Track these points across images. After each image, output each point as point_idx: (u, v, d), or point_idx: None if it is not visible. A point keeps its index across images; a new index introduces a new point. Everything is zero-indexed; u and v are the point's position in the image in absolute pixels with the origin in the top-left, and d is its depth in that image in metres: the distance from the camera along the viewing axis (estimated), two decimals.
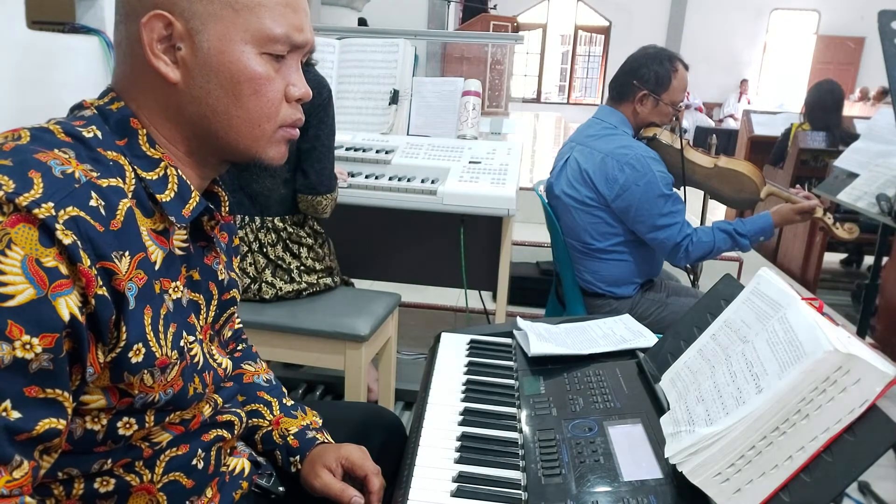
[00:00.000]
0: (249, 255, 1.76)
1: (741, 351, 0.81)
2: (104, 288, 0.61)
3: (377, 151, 2.17)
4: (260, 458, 0.95)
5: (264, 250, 1.77)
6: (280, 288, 1.78)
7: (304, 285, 1.81)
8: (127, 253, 0.64)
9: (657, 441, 0.83)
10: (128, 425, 0.69)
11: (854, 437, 0.66)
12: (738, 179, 2.03)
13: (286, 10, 0.72)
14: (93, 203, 0.61)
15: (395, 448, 1.00)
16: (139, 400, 0.68)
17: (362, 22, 6.45)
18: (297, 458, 0.94)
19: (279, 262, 1.78)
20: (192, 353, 0.74)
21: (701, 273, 2.35)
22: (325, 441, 0.96)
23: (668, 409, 0.87)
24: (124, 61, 0.72)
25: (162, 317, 0.69)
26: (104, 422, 0.67)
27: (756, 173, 2.02)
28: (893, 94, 1.84)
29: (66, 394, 0.60)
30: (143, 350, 0.66)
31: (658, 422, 0.86)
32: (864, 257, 4.69)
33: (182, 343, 0.71)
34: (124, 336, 0.64)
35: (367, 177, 2.09)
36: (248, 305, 1.76)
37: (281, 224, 1.78)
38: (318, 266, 1.85)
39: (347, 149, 2.17)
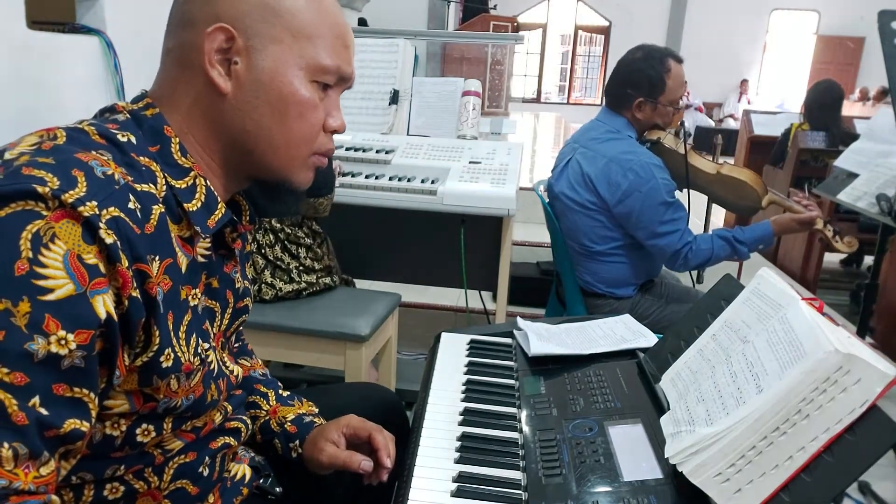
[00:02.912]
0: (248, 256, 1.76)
1: (741, 351, 0.81)
2: (138, 290, 0.62)
3: (377, 151, 2.17)
4: (258, 458, 0.95)
5: (263, 251, 1.77)
6: (280, 288, 1.78)
7: (303, 285, 1.81)
8: (158, 257, 0.65)
9: (657, 441, 0.83)
10: (146, 432, 0.69)
11: (854, 437, 0.66)
12: (740, 187, 2.03)
13: (339, 44, 0.76)
14: (131, 205, 0.62)
15: (394, 425, 0.99)
16: (162, 405, 0.69)
17: (362, 22, 6.45)
18: (297, 442, 0.94)
19: (278, 262, 1.78)
20: (209, 360, 0.75)
21: (704, 274, 2.35)
22: (323, 423, 0.97)
23: (669, 409, 0.87)
24: (173, 67, 0.74)
25: (186, 323, 0.70)
26: (123, 428, 0.68)
27: (758, 182, 2.02)
28: (893, 94, 1.84)
29: (92, 394, 0.60)
30: (172, 355, 0.67)
31: (658, 422, 0.86)
32: (864, 257, 4.69)
33: (199, 350, 0.72)
34: (157, 340, 0.65)
35: (367, 177, 2.09)
36: None
37: (278, 225, 1.78)
38: (317, 266, 1.85)
39: (347, 149, 2.17)
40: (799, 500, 0.66)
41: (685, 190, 2.10)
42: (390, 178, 2.08)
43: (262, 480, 0.93)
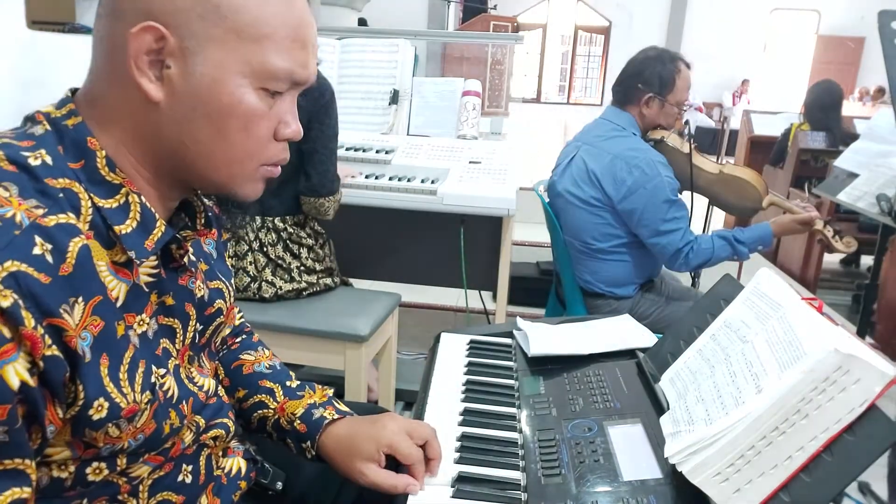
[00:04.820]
0: (250, 253, 1.76)
1: (741, 351, 0.81)
2: (54, 347, 0.55)
3: (377, 151, 2.17)
4: (254, 451, 0.91)
5: (264, 249, 1.77)
6: (280, 287, 1.78)
7: (304, 285, 1.81)
8: (80, 298, 0.57)
9: (657, 441, 0.83)
10: (97, 471, 0.64)
11: (854, 436, 0.66)
12: (742, 187, 2.04)
13: (294, 45, 0.65)
14: (37, 251, 0.54)
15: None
16: (106, 450, 0.63)
17: (362, 22, 6.46)
18: (308, 444, 0.87)
19: (279, 261, 1.79)
20: (165, 388, 0.68)
21: (701, 274, 2.36)
22: (336, 417, 0.89)
23: (668, 408, 0.87)
24: (102, 60, 0.64)
25: (128, 360, 0.63)
26: (72, 469, 0.63)
27: (759, 182, 2.03)
28: (893, 94, 1.83)
29: (27, 461, 0.55)
30: (107, 404, 0.60)
31: (658, 422, 0.86)
32: (863, 257, 4.69)
33: (154, 380, 0.66)
34: (82, 395, 0.58)
35: (367, 177, 2.09)
36: (248, 305, 1.76)
37: (281, 224, 1.78)
38: (318, 266, 1.85)
39: (347, 149, 2.17)
40: (798, 499, 0.66)
41: (687, 191, 2.10)
42: (390, 178, 2.08)
43: (262, 478, 0.89)
